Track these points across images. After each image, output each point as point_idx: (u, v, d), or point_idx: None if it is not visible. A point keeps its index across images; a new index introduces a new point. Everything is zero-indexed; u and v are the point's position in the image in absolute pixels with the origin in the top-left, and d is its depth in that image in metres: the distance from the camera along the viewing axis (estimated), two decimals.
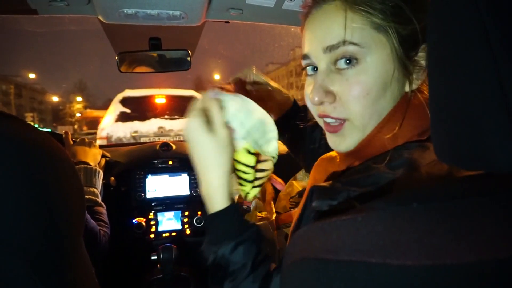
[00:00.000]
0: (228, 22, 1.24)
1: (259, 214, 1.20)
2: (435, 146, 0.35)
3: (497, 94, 0.28)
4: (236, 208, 0.63)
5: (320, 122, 0.59)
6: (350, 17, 0.51)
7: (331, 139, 0.59)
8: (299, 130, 0.94)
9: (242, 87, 0.84)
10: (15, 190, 0.47)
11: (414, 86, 0.54)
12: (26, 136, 0.51)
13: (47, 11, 1.06)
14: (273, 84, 0.90)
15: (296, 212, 0.60)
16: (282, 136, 1.00)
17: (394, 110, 0.53)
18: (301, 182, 1.35)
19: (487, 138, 0.29)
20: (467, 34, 0.30)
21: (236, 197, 0.68)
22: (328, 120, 0.57)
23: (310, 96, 0.55)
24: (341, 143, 0.57)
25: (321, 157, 0.70)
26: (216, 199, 0.62)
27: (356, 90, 0.52)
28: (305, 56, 0.58)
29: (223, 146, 0.62)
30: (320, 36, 0.54)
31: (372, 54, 0.51)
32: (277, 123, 0.99)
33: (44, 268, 0.51)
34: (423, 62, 0.53)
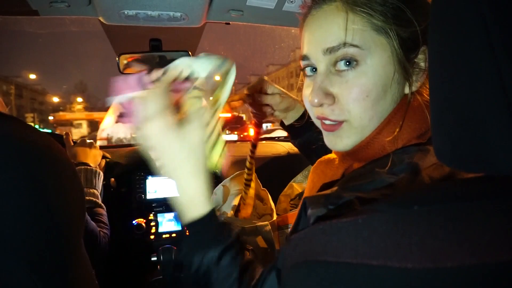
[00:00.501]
0: (228, 24, 1.24)
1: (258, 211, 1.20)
2: (435, 148, 0.35)
3: (499, 96, 0.28)
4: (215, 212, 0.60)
5: (317, 122, 0.59)
6: (351, 19, 0.50)
7: (328, 138, 0.58)
8: (310, 134, 0.96)
9: (256, 98, 0.89)
10: (15, 192, 0.47)
11: (414, 88, 0.53)
12: (26, 138, 0.51)
13: (48, 12, 1.06)
14: (286, 92, 0.94)
15: (295, 214, 0.59)
16: (294, 140, 1.04)
17: (394, 112, 0.53)
18: (301, 184, 1.35)
19: (489, 140, 0.29)
20: (468, 35, 0.29)
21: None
22: (326, 121, 0.56)
23: (309, 98, 0.55)
24: (337, 142, 0.56)
25: (319, 160, 0.69)
26: (196, 205, 0.58)
27: (355, 92, 0.51)
28: (304, 57, 0.57)
29: (198, 149, 0.58)
30: (319, 37, 0.54)
31: (373, 56, 0.51)
32: (288, 128, 1.00)
33: (44, 269, 0.51)
34: (423, 64, 0.53)
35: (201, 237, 0.58)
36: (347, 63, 0.51)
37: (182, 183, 0.58)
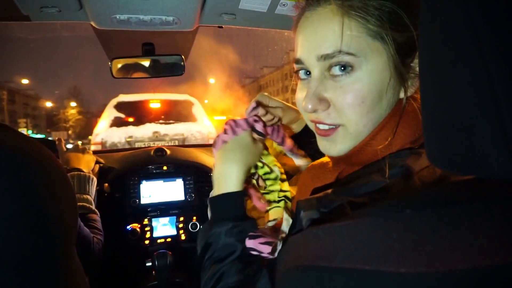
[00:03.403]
0: (221, 27, 1.24)
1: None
2: (427, 151, 0.35)
3: (489, 99, 0.28)
4: (243, 194, 0.67)
5: (312, 126, 0.58)
6: (346, 24, 0.49)
7: (321, 143, 0.58)
8: (311, 148, 0.94)
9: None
10: (5, 200, 0.47)
11: (409, 93, 0.53)
12: (17, 145, 0.51)
13: (39, 18, 1.06)
14: (288, 105, 0.91)
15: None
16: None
17: (388, 118, 0.52)
18: (295, 187, 1.34)
19: (479, 143, 0.29)
20: (458, 39, 0.30)
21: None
22: (321, 126, 0.56)
23: (303, 103, 0.54)
24: (331, 147, 0.56)
25: (312, 163, 0.69)
26: (229, 182, 0.67)
27: (350, 98, 0.50)
28: (298, 61, 0.56)
29: (247, 144, 0.71)
30: (314, 42, 0.52)
31: (368, 62, 0.50)
32: (294, 138, 0.98)
33: (35, 278, 0.50)
34: (418, 69, 0.52)
35: (220, 210, 0.66)
36: (342, 69, 0.50)
37: (224, 165, 0.69)
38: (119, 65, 1.50)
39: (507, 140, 0.27)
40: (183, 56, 1.51)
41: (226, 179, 0.67)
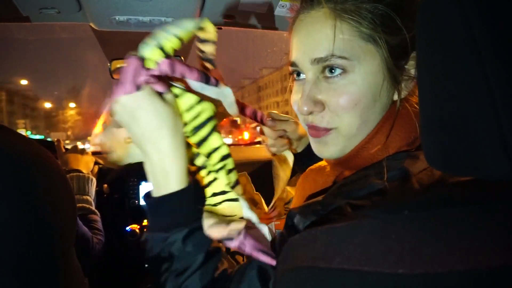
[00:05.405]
0: (220, 28, 1.25)
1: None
2: (425, 153, 0.35)
3: (487, 101, 0.28)
4: (193, 190, 0.55)
5: (306, 128, 0.58)
6: (339, 28, 0.49)
7: (314, 145, 0.58)
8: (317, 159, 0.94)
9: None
10: (3, 201, 0.47)
11: (402, 96, 0.53)
12: (15, 147, 0.51)
13: (39, 19, 1.06)
14: (297, 121, 0.91)
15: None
16: (300, 169, 0.95)
17: (382, 121, 0.53)
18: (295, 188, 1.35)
19: (477, 145, 0.29)
20: (456, 42, 0.30)
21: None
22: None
23: (298, 106, 0.54)
24: (324, 150, 0.56)
25: (310, 167, 0.69)
26: (171, 177, 0.53)
27: (344, 100, 0.51)
28: (293, 64, 0.57)
29: (176, 112, 0.53)
30: (307, 46, 0.53)
31: (361, 65, 0.50)
32: (298, 156, 0.94)
33: (33, 280, 0.50)
34: (412, 71, 0.52)
35: (171, 214, 0.54)
36: (336, 71, 0.51)
37: (157, 149, 0.52)
38: (119, 66, 1.50)
39: (504, 142, 0.28)
40: (182, 57, 1.51)
41: (168, 170, 0.53)
